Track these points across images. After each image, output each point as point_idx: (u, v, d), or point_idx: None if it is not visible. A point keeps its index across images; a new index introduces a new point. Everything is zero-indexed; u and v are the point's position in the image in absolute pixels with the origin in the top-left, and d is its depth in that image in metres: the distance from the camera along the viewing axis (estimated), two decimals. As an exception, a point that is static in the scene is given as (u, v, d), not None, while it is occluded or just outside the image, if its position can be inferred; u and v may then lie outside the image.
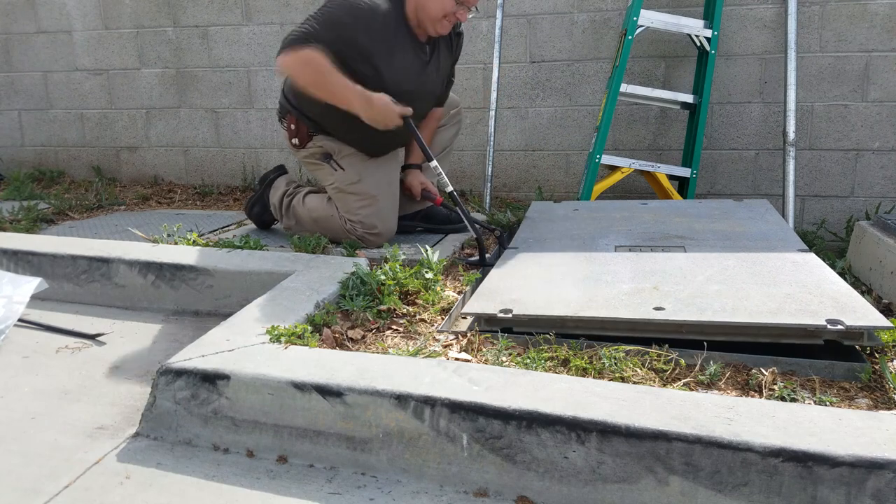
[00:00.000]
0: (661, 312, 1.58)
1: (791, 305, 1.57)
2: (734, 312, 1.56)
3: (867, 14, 2.87)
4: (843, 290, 1.65)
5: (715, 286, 1.72)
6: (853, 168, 3.00)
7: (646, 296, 1.68)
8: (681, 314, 1.57)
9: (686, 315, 1.56)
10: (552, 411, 1.20)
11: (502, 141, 3.36)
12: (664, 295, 1.68)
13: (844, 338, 1.51)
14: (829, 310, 1.53)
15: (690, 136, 2.99)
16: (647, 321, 1.58)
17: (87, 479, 1.27)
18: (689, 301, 1.64)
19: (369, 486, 1.26)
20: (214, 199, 3.53)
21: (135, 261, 2.19)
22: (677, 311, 1.58)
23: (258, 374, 1.38)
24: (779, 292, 1.66)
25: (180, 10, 3.70)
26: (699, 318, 1.55)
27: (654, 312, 1.59)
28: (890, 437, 1.09)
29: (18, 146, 4.14)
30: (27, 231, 2.74)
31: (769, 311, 1.55)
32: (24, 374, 1.72)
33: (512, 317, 1.65)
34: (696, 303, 1.62)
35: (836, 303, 1.57)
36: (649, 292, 1.70)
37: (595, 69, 3.20)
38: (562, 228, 2.36)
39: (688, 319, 1.55)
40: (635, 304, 1.64)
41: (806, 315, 1.52)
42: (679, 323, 1.56)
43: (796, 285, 1.70)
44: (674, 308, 1.60)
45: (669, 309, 1.60)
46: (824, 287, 1.68)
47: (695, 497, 1.12)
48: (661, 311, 1.59)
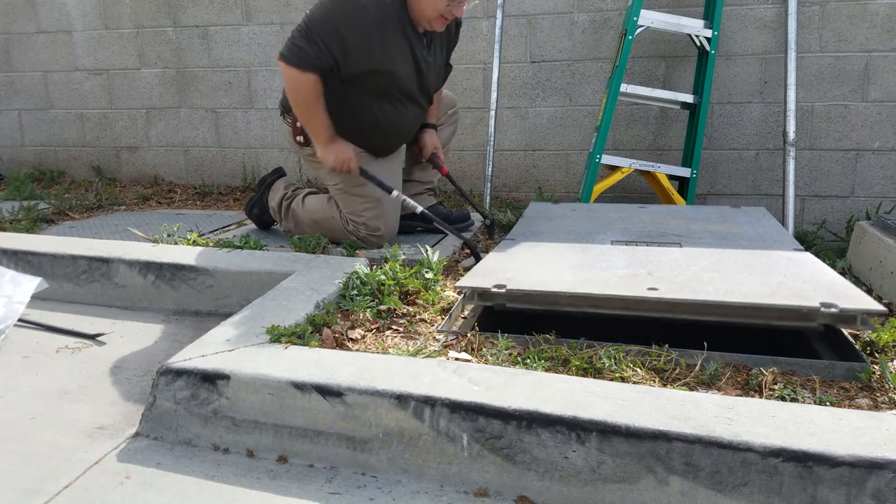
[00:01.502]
0: (656, 292, 1.60)
1: (785, 290, 1.59)
2: (728, 294, 1.57)
3: (867, 14, 2.87)
4: (838, 281, 1.67)
5: (709, 274, 1.74)
6: (853, 168, 3.00)
7: (640, 279, 1.70)
8: (675, 294, 1.59)
9: (680, 294, 1.59)
10: (552, 411, 1.20)
11: (502, 141, 3.36)
12: (659, 279, 1.70)
13: (838, 321, 1.52)
14: (823, 295, 1.55)
15: (690, 136, 2.99)
16: (642, 298, 1.60)
17: (87, 479, 1.27)
18: (683, 284, 1.66)
19: (369, 485, 1.26)
20: (214, 199, 3.53)
21: (135, 261, 2.19)
22: (671, 292, 1.60)
23: (258, 374, 1.38)
24: (773, 280, 1.68)
25: (180, 10, 3.70)
26: (693, 297, 1.57)
27: (649, 292, 1.61)
28: (890, 437, 1.09)
29: (18, 146, 4.14)
30: (27, 231, 2.74)
31: (763, 294, 1.57)
32: (24, 374, 1.72)
33: (506, 291, 1.67)
34: (691, 285, 1.64)
35: (829, 290, 1.59)
36: (644, 277, 1.73)
37: (595, 69, 3.20)
38: (559, 225, 2.36)
39: (682, 298, 1.57)
40: (630, 285, 1.66)
41: (800, 298, 1.54)
42: (673, 302, 1.58)
43: (790, 276, 1.72)
44: (668, 289, 1.62)
45: (663, 290, 1.62)
46: (818, 277, 1.69)
47: (695, 497, 1.12)
48: (655, 291, 1.61)
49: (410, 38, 2.27)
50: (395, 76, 2.26)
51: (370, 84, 2.25)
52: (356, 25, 2.14)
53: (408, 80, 2.30)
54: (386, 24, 2.19)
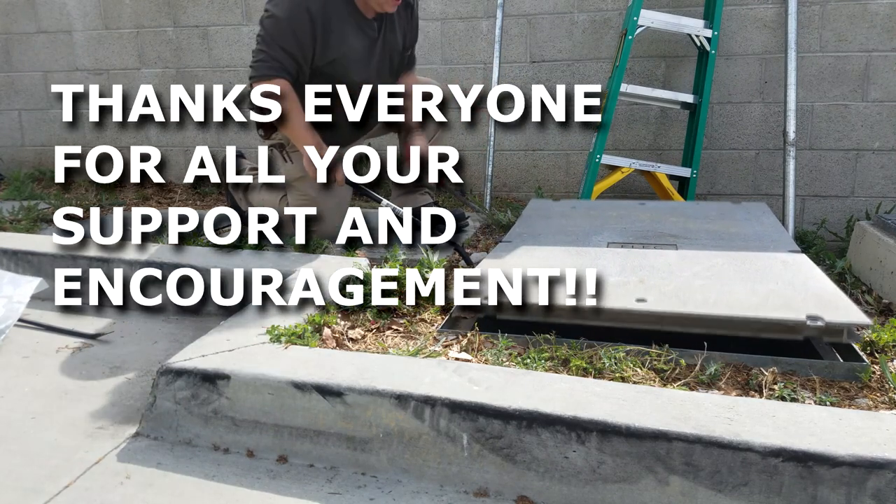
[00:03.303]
0: (643, 304, 1.60)
1: (774, 301, 1.58)
2: (715, 305, 1.57)
3: (867, 14, 2.87)
4: (828, 289, 1.66)
5: (700, 281, 1.73)
6: (853, 168, 3.00)
7: (631, 288, 1.70)
8: (662, 306, 1.59)
9: (667, 307, 1.58)
10: (552, 411, 1.20)
11: (502, 141, 3.36)
12: (649, 288, 1.70)
13: (824, 334, 1.52)
14: (811, 306, 1.54)
15: (690, 136, 2.99)
16: (629, 311, 1.60)
17: (87, 479, 1.27)
18: (672, 294, 1.65)
19: (369, 485, 1.26)
20: (214, 200, 3.53)
21: (135, 261, 2.19)
22: (659, 303, 1.60)
23: (258, 373, 1.38)
24: (763, 288, 1.67)
25: (180, 10, 3.70)
26: (680, 310, 1.57)
27: (637, 304, 1.60)
28: (890, 437, 1.09)
29: (18, 146, 4.14)
30: (27, 231, 2.74)
31: (751, 305, 1.56)
32: (24, 374, 1.72)
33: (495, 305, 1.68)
34: (679, 296, 1.64)
35: (818, 300, 1.58)
36: (634, 285, 1.72)
37: (595, 69, 3.20)
38: (557, 225, 2.36)
39: (668, 311, 1.57)
40: (618, 295, 1.65)
41: (787, 310, 1.53)
42: (660, 314, 1.58)
43: (782, 282, 1.71)
44: (656, 300, 1.62)
45: (652, 300, 1.61)
46: (809, 285, 1.68)
47: (695, 497, 1.12)
48: (643, 303, 1.61)
49: (360, 25, 2.31)
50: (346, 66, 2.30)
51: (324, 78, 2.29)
52: (306, 23, 2.21)
53: (360, 66, 2.33)
54: (331, 15, 2.24)
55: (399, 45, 2.47)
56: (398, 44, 2.46)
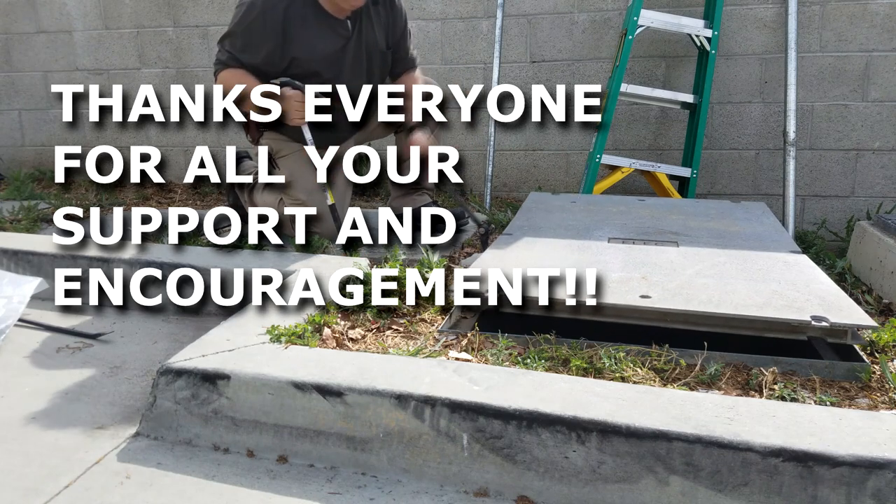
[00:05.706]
0: (648, 300, 1.60)
1: (777, 301, 1.58)
2: (720, 304, 1.57)
3: (867, 14, 2.87)
4: (831, 290, 1.66)
5: (703, 279, 1.73)
6: (853, 168, 3.00)
7: (634, 284, 1.70)
8: (667, 303, 1.59)
9: (672, 304, 1.58)
10: (552, 411, 1.20)
11: (502, 141, 3.36)
12: (652, 285, 1.70)
13: (828, 335, 1.52)
14: (815, 307, 1.54)
15: (690, 136, 2.99)
16: (633, 307, 1.60)
17: (87, 479, 1.27)
18: (676, 291, 1.65)
19: (369, 485, 1.26)
20: (215, 200, 3.53)
21: (135, 261, 2.19)
22: (663, 300, 1.60)
23: (258, 373, 1.38)
24: (766, 288, 1.67)
25: (180, 10, 3.70)
26: (685, 307, 1.57)
27: (641, 300, 1.60)
28: (890, 437, 1.09)
29: (18, 146, 4.14)
30: (27, 231, 2.74)
31: (755, 304, 1.56)
32: (24, 374, 1.72)
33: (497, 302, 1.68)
34: (683, 293, 1.64)
35: (822, 301, 1.58)
36: (638, 281, 1.72)
37: (595, 69, 3.20)
38: (557, 219, 2.36)
39: (673, 308, 1.57)
40: (623, 292, 1.65)
41: (791, 311, 1.53)
42: (664, 311, 1.58)
43: (785, 283, 1.71)
44: (660, 297, 1.62)
45: (656, 297, 1.62)
46: (812, 286, 1.68)
47: (695, 497, 1.12)
48: (647, 300, 1.61)
49: (329, 25, 2.32)
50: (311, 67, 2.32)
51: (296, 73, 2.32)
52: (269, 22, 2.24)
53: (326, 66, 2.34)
54: (293, 17, 2.27)
55: (381, 42, 2.45)
56: (378, 42, 2.44)
